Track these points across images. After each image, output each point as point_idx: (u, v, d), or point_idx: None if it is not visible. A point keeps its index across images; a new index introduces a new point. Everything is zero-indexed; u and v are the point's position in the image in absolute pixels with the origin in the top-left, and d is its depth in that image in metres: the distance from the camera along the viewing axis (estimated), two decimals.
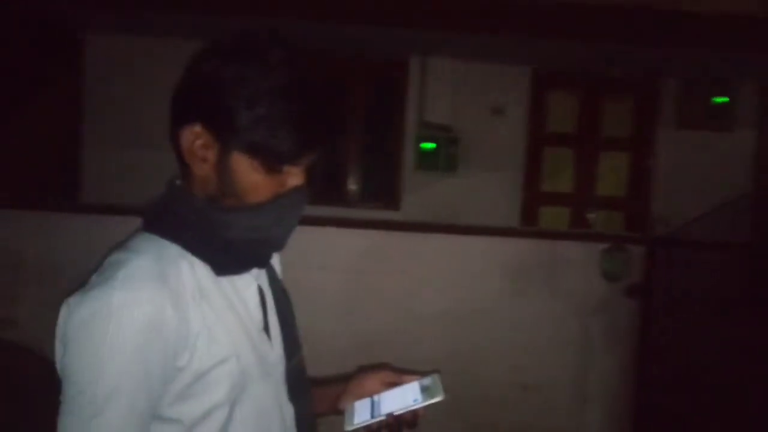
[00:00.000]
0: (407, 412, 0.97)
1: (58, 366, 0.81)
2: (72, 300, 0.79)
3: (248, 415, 0.89)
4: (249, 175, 0.83)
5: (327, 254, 2.96)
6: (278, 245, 0.92)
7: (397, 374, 1.06)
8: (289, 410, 0.98)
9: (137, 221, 0.91)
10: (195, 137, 0.83)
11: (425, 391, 0.98)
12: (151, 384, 0.79)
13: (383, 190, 4.64)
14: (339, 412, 1.05)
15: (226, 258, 0.87)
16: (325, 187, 4.57)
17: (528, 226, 4.60)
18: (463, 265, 3.02)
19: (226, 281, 0.89)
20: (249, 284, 0.93)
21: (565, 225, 4.74)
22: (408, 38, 4.11)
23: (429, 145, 4.49)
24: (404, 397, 0.99)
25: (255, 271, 0.95)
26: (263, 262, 0.94)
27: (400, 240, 3.00)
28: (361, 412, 1.00)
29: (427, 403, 0.96)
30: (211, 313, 0.85)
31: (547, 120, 4.76)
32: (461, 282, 3.01)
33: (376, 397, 1.02)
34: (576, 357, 3.02)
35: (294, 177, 0.85)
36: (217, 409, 0.85)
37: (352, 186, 4.67)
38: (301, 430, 0.99)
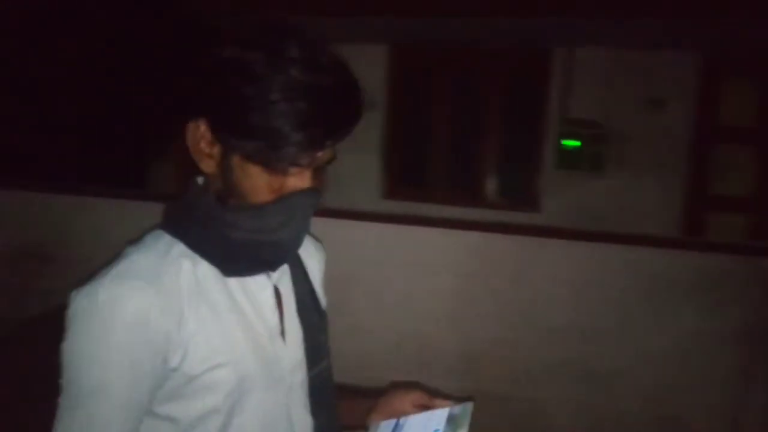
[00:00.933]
0: None
1: None
2: (74, 292, 0.79)
3: (249, 423, 0.84)
4: (251, 175, 0.79)
5: (438, 257, 2.85)
6: (288, 248, 0.86)
7: (429, 396, 0.98)
8: (304, 420, 0.92)
9: None
10: (199, 133, 0.80)
11: (451, 421, 0.91)
12: (139, 380, 0.77)
13: (522, 192, 4.40)
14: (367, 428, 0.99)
15: (233, 259, 0.83)
16: (461, 188, 4.46)
17: (692, 235, 4.04)
18: (599, 275, 2.72)
19: (236, 282, 0.85)
20: (263, 286, 0.88)
21: (740, 235, 4.07)
22: (552, 28, 3.84)
23: (572, 143, 4.15)
24: (428, 424, 0.92)
25: (276, 272, 0.90)
26: (273, 265, 0.88)
27: (520, 244, 2.79)
28: None
29: None
30: (210, 315, 0.81)
31: (718, 113, 4.14)
32: (594, 294, 2.71)
33: (402, 419, 0.96)
34: (729, 390, 2.56)
35: (300, 178, 0.80)
36: (212, 414, 0.82)
37: (490, 187, 4.49)
38: None
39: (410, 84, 4.53)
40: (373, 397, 1.02)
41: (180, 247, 0.83)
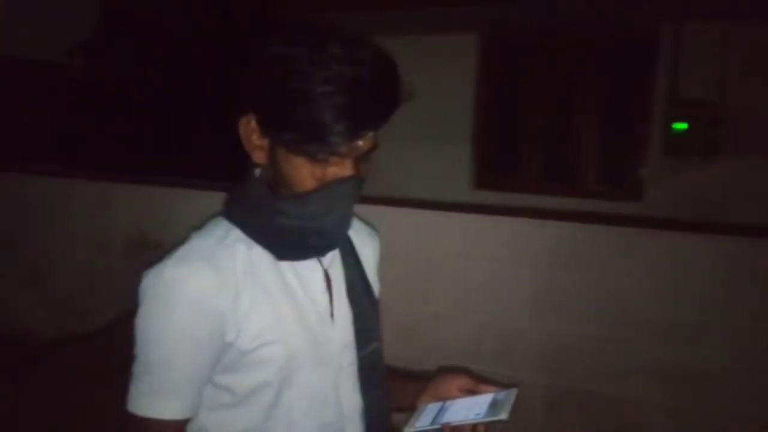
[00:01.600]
0: (464, 425, 0.93)
1: None
2: (146, 272, 0.89)
3: (297, 398, 0.91)
4: (296, 166, 0.84)
5: (523, 247, 2.74)
6: (333, 234, 0.91)
7: (475, 381, 1.01)
8: (353, 399, 0.98)
9: None
10: (250, 127, 0.87)
11: (494, 406, 0.93)
12: (198, 352, 0.86)
13: (624, 180, 4.11)
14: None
15: (283, 244, 0.90)
16: (557, 177, 4.25)
17: None
18: (698, 269, 2.48)
19: (287, 266, 0.92)
20: (314, 271, 0.95)
21: None
22: (660, 2, 3.54)
23: (682, 126, 3.81)
24: (471, 408, 0.95)
25: (327, 257, 0.97)
26: (321, 250, 0.94)
27: (612, 235, 2.61)
28: (426, 416, 0.98)
29: (487, 420, 0.91)
30: (262, 295, 0.88)
31: None
32: (691, 288, 2.48)
33: (448, 403, 0.99)
34: None
35: (341, 167, 0.84)
36: (264, 387, 0.89)
37: (589, 175, 4.24)
38: (369, 422, 0.99)
39: (501, 71, 4.39)
40: (423, 380, 1.06)
41: (236, 233, 0.91)
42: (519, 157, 4.41)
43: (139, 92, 5.75)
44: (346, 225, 0.93)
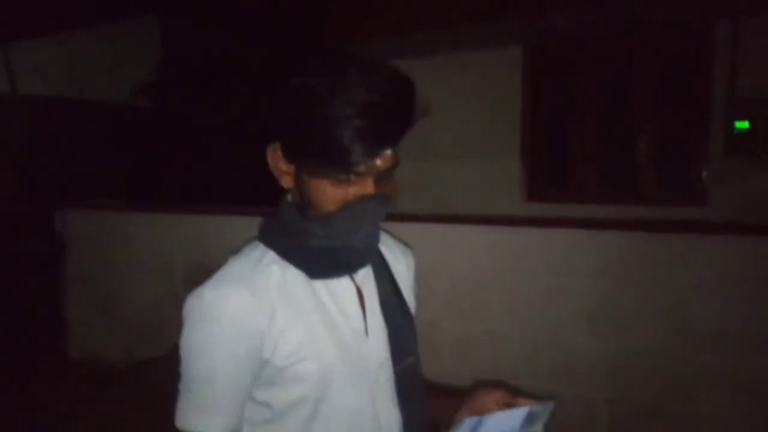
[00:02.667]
0: None
1: None
2: (189, 294, 0.94)
3: (334, 413, 0.93)
4: (318, 188, 0.88)
5: (577, 259, 2.67)
6: (361, 252, 0.95)
7: (511, 395, 1.02)
8: (390, 414, 0.99)
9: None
10: (277, 154, 0.93)
11: (529, 419, 0.93)
12: (239, 369, 0.90)
13: (686, 184, 3.93)
14: None
15: (316, 264, 0.94)
16: (613, 185, 4.12)
17: None
18: (764, 275, 2.34)
19: (321, 284, 0.96)
20: (347, 288, 0.98)
21: None
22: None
23: (743, 124, 3.62)
24: (507, 422, 0.95)
25: (360, 274, 1.00)
26: (352, 268, 0.97)
27: (669, 243, 2.50)
28: (462, 430, 0.98)
29: None
30: (296, 314, 0.92)
31: None
32: (759, 295, 2.33)
33: (485, 417, 0.99)
34: None
35: (362, 186, 0.88)
36: (301, 402, 0.92)
37: (647, 181, 4.08)
38: None
39: (549, 81, 4.33)
40: (461, 395, 1.07)
41: (271, 255, 0.95)
42: (572, 167, 4.30)
43: (199, 130, 6.03)
44: (374, 241, 0.96)
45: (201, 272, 3.53)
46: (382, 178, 0.89)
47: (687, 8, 3.58)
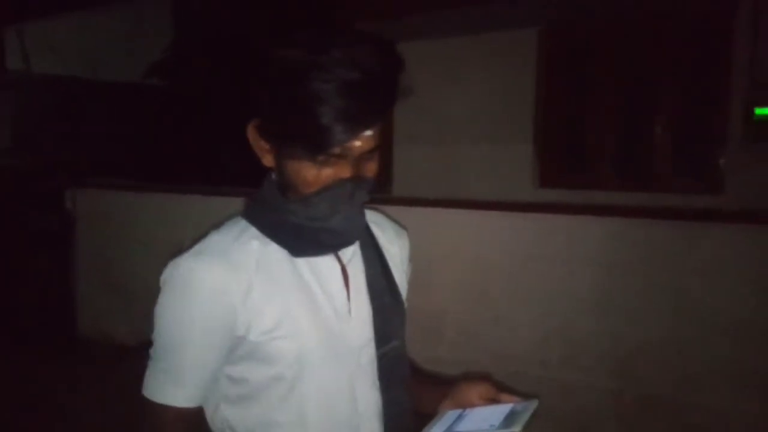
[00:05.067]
0: None
1: None
2: (167, 264, 0.93)
3: (311, 393, 0.92)
4: (296, 169, 0.86)
5: (588, 246, 2.62)
6: (346, 234, 0.92)
7: (496, 390, 0.99)
8: (370, 398, 0.97)
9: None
10: (255, 132, 0.90)
11: (510, 417, 0.89)
12: (208, 342, 0.89)
13: (703, 171, 3.84)
14: None
15: (297, 242, 0.92)
16: (628, 171, 4.04)
17: None
18: None
19: (304, 262, 0.93)
20: (331, 266, 0.96)
21: None
22: None
23: (764, 111, 3.52)
24: (486, 419, 0.92)
25: (347, 253, 0.97)
26: (335, 248, 0.95)
27: (683, 230, 2.45)
28: (442, 423, 0.95)
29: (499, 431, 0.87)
30: (275, 291, 0.90)
31: None
32: None
33: (467, 411, 0.96)
34: None
35: (339, 169, 0.85)
36: (277, 380, 0.91)
37: (663, 168, 3.99)
38: (387, 421, 0.98)
39: (564, 64, 4.24)
40: (447, 385, 1.04)
41: (252, 231, 0.93)
42: (585, 153, 4.22)
43: (210, 108, 6.01)
44: (357, 224, 0.93)
45: None
46: (363, 159, 0.86)
47: None
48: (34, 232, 4.39)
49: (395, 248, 1.07)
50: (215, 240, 0.92)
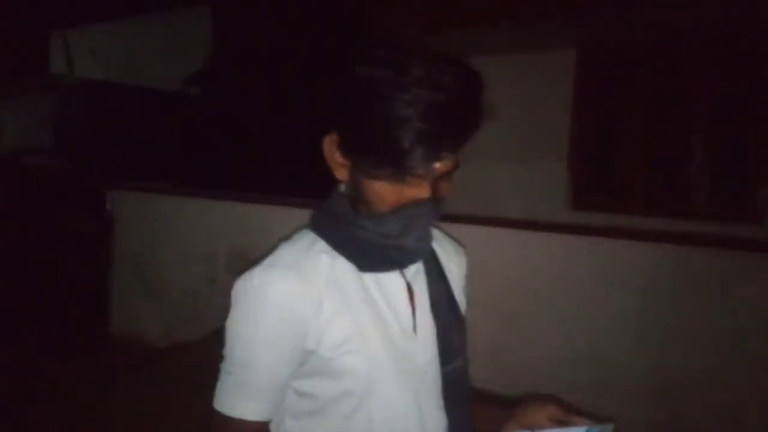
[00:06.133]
0: None
1: None
2: (239, 278, 0.93)
3: (378, 410, 0.90)
4: (374, 186, 0.86)
5: (624, 270, 2.60)
6: (415, 251, 0.92)
7: (566, 411, 0.96)
8: (436, 417, 0.95)
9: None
10: (333, 146, 0.89)
11: None
12: (281, 356, 0.88)
13: (741, 199, 3.78)
14: None
15: (366, 257, 0.91)
16: (663, 197, 3.99)
17: None
18: None
19: (370, 278, 0.93)
20: (397, 283, 0.95)
21: None
22: None
23: None
24: None
25: (411, 270, 0.97)
26: (402, 264, 0.95)
27: (724, 259, 2.41)
28: None
29: None
30: (344, 305, 0.90)
31: None
32: None
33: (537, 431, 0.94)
34: None
35: (418, 189, 0.85)
36: (345, 396, 0.90)
37: (699, 195, 3.94)
38: None
39: (601, 86, 4.22)
40: (510, 406, 1.02)
41: (321, 244, 0.93)
42: (620, 177, 4.19)
43: (248, 117, 6.12)
44: (426, 243, 0.93)
45: (243, 260, 3.61)
46: (441, 179, 0.86)
47: (751, 15, 3.44)
48: (71, 232, 4.50)
49: (454, 266, 1.07)
50: (286, 253, 0.92)
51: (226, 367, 0.90)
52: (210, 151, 5.91)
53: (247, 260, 0.93)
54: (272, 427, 0.94)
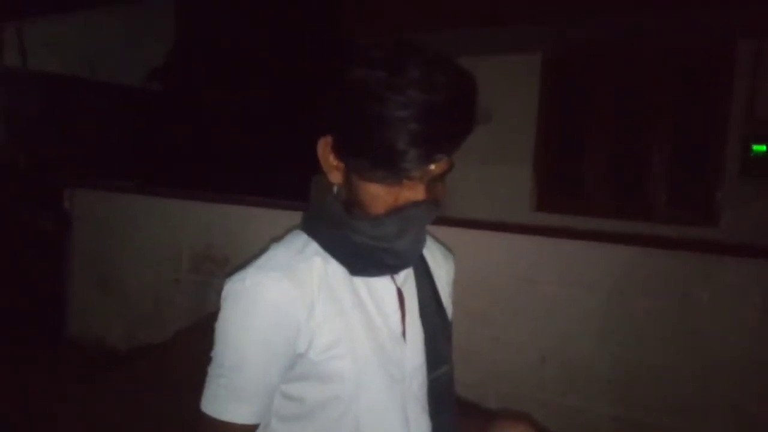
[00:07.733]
0: None
1: None
2: (228, 279, 0.91)
3: (365, 415, 0.90)
4: (368, 189, 0.86)
5: (588, 271, 2.65)
6: (408, 255, 0.91)
7: (537, 430, 0.97)
8: (421, 423, 0.95)
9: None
10: (327, 148, 0.88)
11: None
12: (271, 359, 0.87)
13: (699, 203, 3.91)
14: None
15: (358, 260, 0.91)
16: (624, 200, 4.10)
17: None
18: None
19: (361, 282, 0.92)
20: (387, 288, 0.95)
21: None
22: (737, 17, 3.39)
23: (760, 147, 3.60)
24: None
25: (401, 275, 0.96)
26: (394, 269, 0.94)
27: (685, 261, 2.48)
28: None
29: None
30: (336, 309, 0.89)
31: None
32: None
33: None
34: None
35: (413, 191, 0.85)
36: (333, 400, 0.89)
37: (659, 198, 4.06)
38: None
39: (567, 91, 4.30)
40: (484, 419, 1.03)
41: (314, 246, 0.92)
42: (583, 179, 4.28)
43: (212, 114, 6.01)
44: (419, 246, 0.93)
45: (207, 260, 3.52)
46: (434, 182, 0.86)
47: (711, 25, 3.56)
48: (26, 230, 4.33)
49: (442, 272, 1.08)
50: (278, 255, 0.91)
51: (214, 369, 0.88)
52: (172, 149, 5.78)
53: (212, 260, 0.90)
54: (259, 430, 0.92)
